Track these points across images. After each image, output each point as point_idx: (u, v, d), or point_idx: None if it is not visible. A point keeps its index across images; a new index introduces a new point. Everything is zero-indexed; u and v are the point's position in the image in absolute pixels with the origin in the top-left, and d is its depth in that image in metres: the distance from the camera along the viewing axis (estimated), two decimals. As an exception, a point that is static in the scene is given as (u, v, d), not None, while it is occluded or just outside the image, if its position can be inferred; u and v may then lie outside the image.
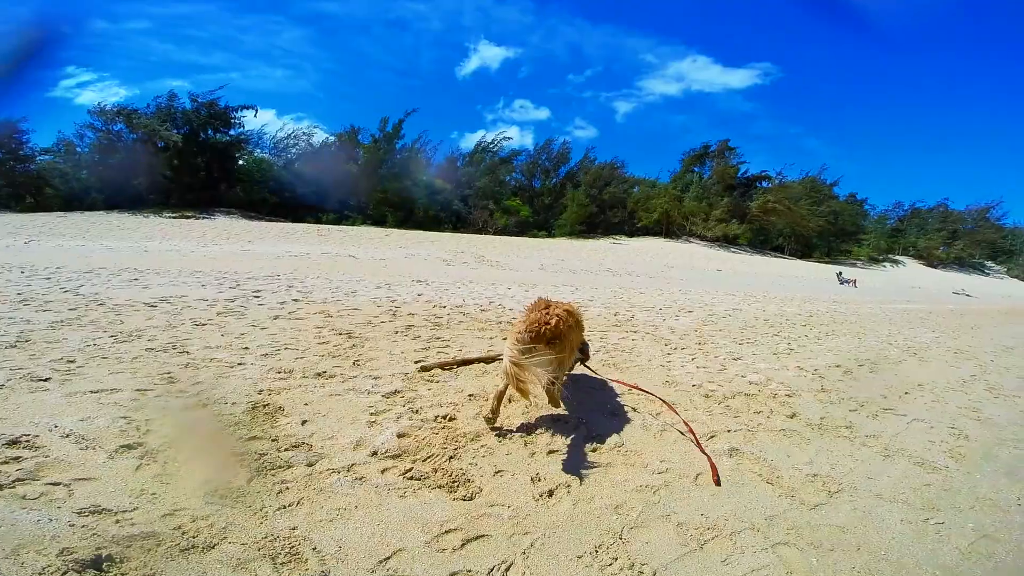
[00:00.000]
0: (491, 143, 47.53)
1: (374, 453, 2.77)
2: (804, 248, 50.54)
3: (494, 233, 38.74)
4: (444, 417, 3.36)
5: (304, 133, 42.45)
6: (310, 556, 2.01)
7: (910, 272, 49.65)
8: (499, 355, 4.97)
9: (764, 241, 49.70)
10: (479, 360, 4.74)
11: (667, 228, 46.83)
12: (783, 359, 6.35)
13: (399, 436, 2.98)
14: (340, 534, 2.17)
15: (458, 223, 40.57)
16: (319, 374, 3.98)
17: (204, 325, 5.37)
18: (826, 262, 45.56)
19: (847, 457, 3.49)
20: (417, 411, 3.41)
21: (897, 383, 5.76)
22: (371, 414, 3.28)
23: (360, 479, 2.54)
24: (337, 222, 35.36)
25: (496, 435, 3.19)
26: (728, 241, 46.63)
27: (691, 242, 45.18)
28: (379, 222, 36.99)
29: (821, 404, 4.55)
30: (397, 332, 5.82)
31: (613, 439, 3.32)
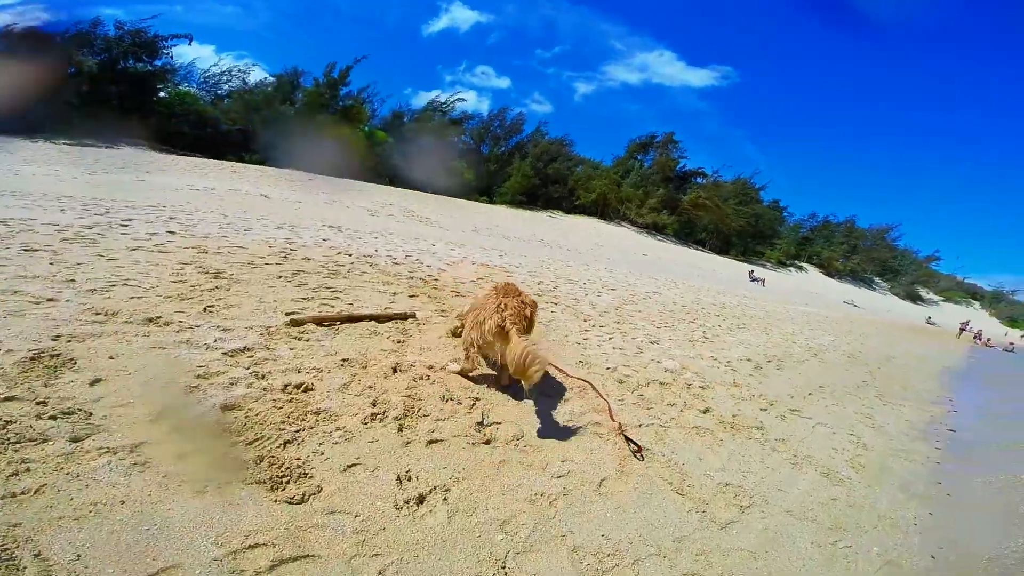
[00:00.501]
0: (444, 103, 45.55)
1: (176, 429, 2.01)
2: (723, 244, 53.20)
3: (433, 193, 37.32)
4: (297, 387, 2.64)
5: (240, 70, 38.45)
6: (29, 565, 1.32)
7: (811, 278, 54.16)
8: (401, 313, 4.29)
9: (689, 234, 51.73)
10: (370, 317, 4.01)
11: (603, 210, 47.45)
12: (698, 347, 6.19)
13: (224, 408, 2.23)
14: (86, 538, 1.47)
15: (395, 178, 38.75)
16: (151, 319, 3.08)
17: (36, 251, 4.18)
18: (741, 260, 48.41)
19: (758, 464, 3.22)
20: (263, 376, 2.66)
21: (802, 383, 5.78)
22: (197, 376, 2.48)
23: (142, 464, 1.80)
24: (264, 163, 32.47)
25: (361, 417, 2.53)
26: (656, 229, 48.12)
27: (623, 226, 46.13)
28: (311, 168, 34.39)
29: (734, 400, 4.33)
30: (280, 277, 4.91)
31: (512, 430, 2.79)
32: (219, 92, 37.73)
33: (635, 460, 2.85)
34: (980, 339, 29.50)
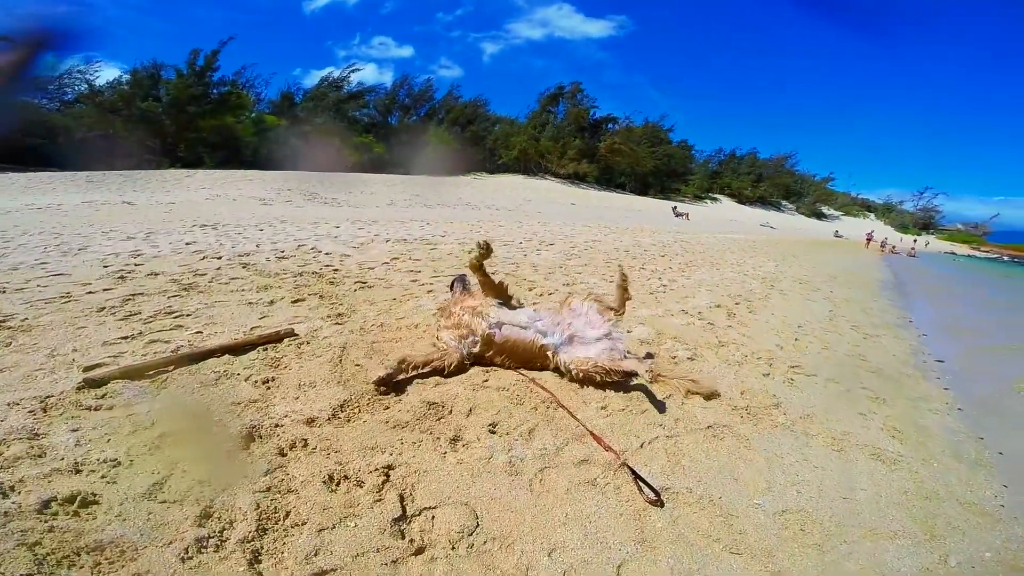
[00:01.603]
0: (338, 78, 43.20)
1: None
2: (642, 186, 54.25)
3: (343, 171, 34.72)
4: (70, 501, 1.46)
5: (79, 71, 32.92)
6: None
7: (726, 208, 56.72)
8: (273, 334, 2.97)
9: (609, 179, 52.23)
10: (223, 350, 2.68)
11: (525, 166, 46.81)
12: (662, 300, 5.33)
13: None
14: None
15: (296, 162, 35.67)
16: None
17: None
18: (661, 198, 49.70)
19: (801, 463, 2.32)
20: (10, 490, 1.38)
21: (779, 325, 5.08)
22: None
23: None
24: (136, 167, 28.26)
25: (177, 551, 1.30)
26: (579, 178, 48.29)
27: (546, 179, 45.70)
28: (193, 164, 30.50)
29: (729, 367, 3.45)
30: (103, 309, 3.40)
31: (456, 516, 1.67)
32: (65, 98, 32.64)
33: (654, 512, 1.83)
34: (885, 247, 32.08)
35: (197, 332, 3.07)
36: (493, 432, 2.15)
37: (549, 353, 2.77)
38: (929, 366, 4.69)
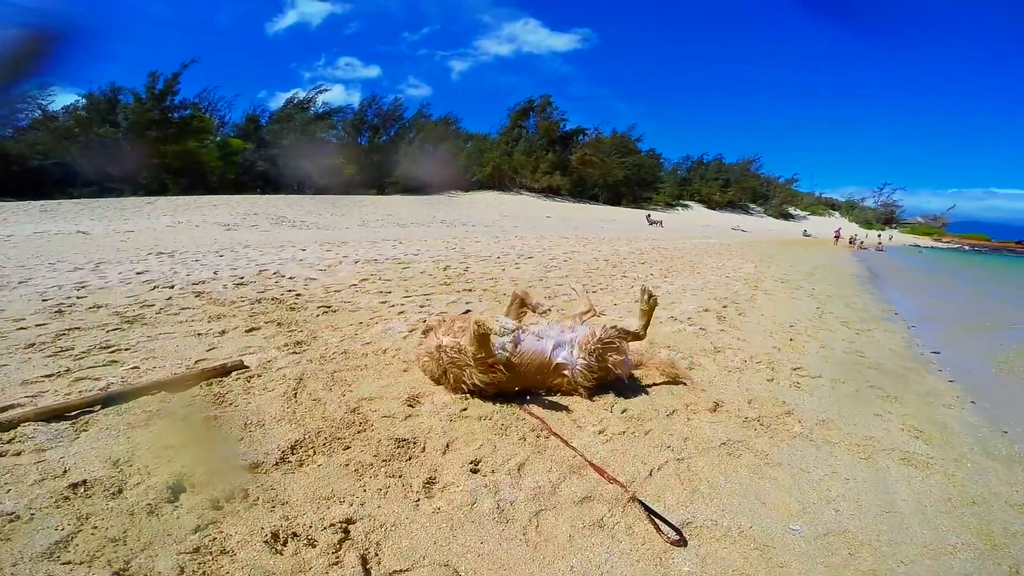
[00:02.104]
0: (304, 99, 42.64)
1: None
2: (615, 196, 54.78)
3: (314, 193, 34.01)
4: None
5: (31, 96, 31.82)
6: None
7: (697, 213, 57.63)
8: (219, 367, 2.59)
9: (582, 191, 52.60)
10: (159, 386, 2.29)
11: (499, 181, 46.87)
12: (649, 309, 5.08)
13: None
14: None
15: (266, 185, 34.81)
16: None
17: None
18: (633, 207, 50.30)
19: (831, 476, 2.05)
20: None
21: (772, 326, 4.88)
22: None
23: None
24: (98, 196, 27.11)
25: None
26: (553, 192, 48.56)
27: (521, 194, 45.79)
28: (157, 192, 29.45)
29: (730, 375, 3.19)
30: (31, 346, 2.99)
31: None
32: (19, 124, 31.54)
33: (678, 554, 1.52)
34: (854, 243, 32.99)
35: (133, 368, 2.69)
36: (476, 471, 1.81)
37: (564, 372, 2.49)
38: (927, 359, 4.56)
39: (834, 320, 5.75)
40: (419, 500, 1.63)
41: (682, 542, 1.57)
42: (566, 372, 2.48)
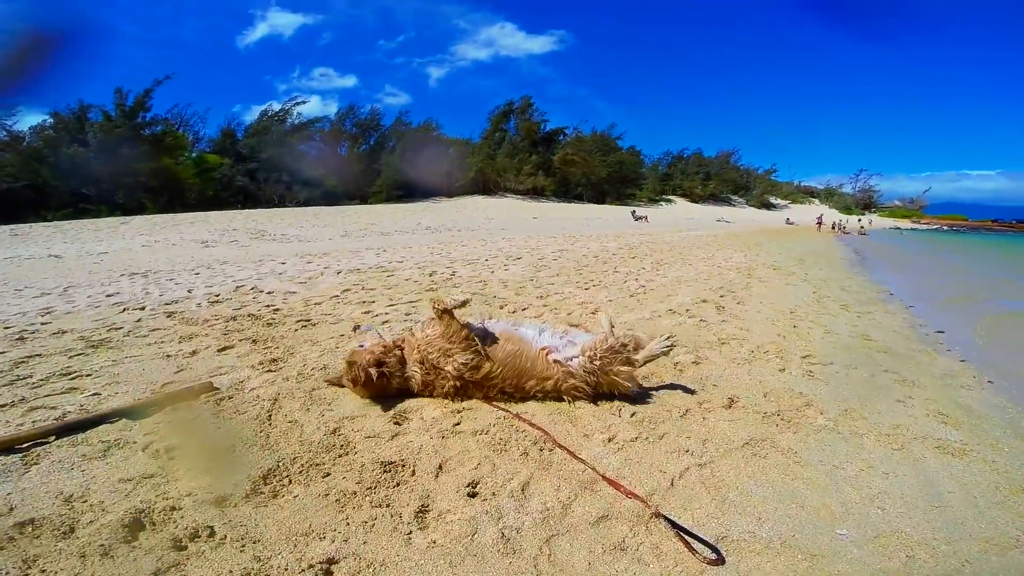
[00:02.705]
0: (279, 111, 42.00)
1: None
2: (599, 195, 54.91)
3: (295, 206, 33.52)
4: None
5: None
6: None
7: (681, 207, 57.97)
8: (186, 389, 2.34)
9: (566, 191, 52.64)
10: (117, 414, 2.05)
11: (484, 185, 46.72)
12: (644, 301, 4.91)
13: None
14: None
15: (247, 200, 34.24)
16: None
17: None
18: (618, 204, 50.39)
19: (871, 473, 1.88)
20: None
21: (773, 313, 4.73)
22: None
23: None
24: (73, 218, 26.31)
25: None
26: (537, 193, 48.55)
27: (506, 196, 45.67)
28: (135, 211, 28.73)
29: (741, 367, 3.01)
30: None
31: None
32: None
33: (716, 574, 1.32)
34: (837, 228, 33.38)
35: (94, 394, 2.44)
36: (474, 495, 1.59)
37: (552, 358, 2.29)
38: (933, 339, 4.44)
39: (833, 304, 5.63)
40: (411, 533, 1.41)
41: (720, 560, 1.37)
42: (558, 359, 2.27)
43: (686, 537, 1.43)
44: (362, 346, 2.37)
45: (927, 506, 1.67)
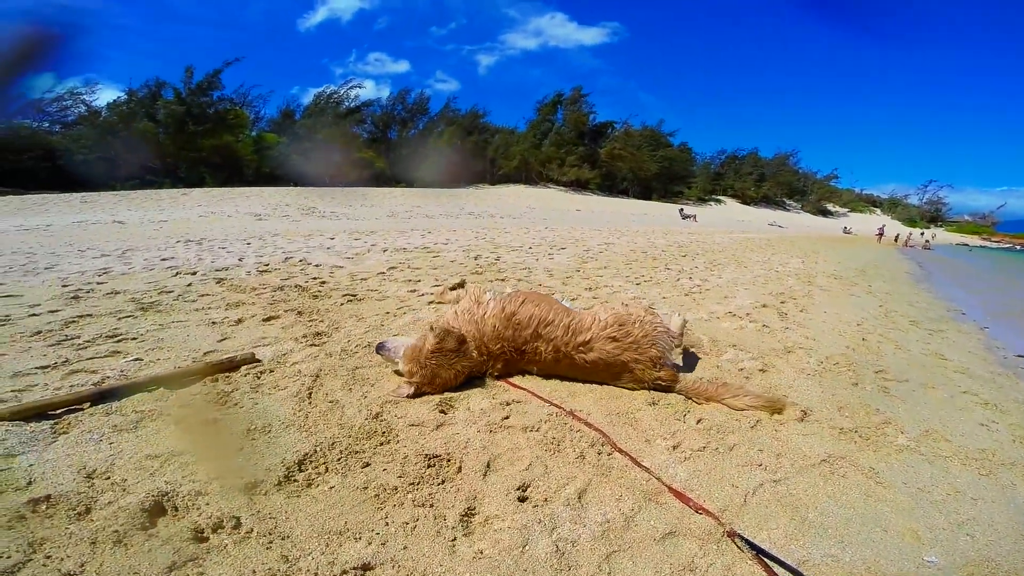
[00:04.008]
0: (335, 93, 43.13)
1: None
2: (645, 190, 53.62)
3: (344, 186, 34.48)
4: None
5: (76, 92, 33.06)
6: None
7: (731, 208, 55.85)
8: (226, 361, 2.29)
9: (611, 185, 51.65)
10: (156, 382, 2.00)
11: (527, 175, 46.48)
12: (701, 302, 4.63)
13: None
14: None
15: (300, 179, 35.55)
16: None
17: None
18: (664, 202, 48.98)
19: (958, 499, 1.67)
20: None
21: (839, 324, 4.37)
22: None
23: None
24: (139, 188, 28.02)
25: None
26: (581, 185, 47.83)
27: (549, 187, 45.26)
28: (195, 184, 30.26)
29: (810, 378, 2.74)
30: (38, 333, 2.81)
31: None
32: (66, 119, 32.60)
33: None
34: (902, 241, 31.45)
35: (136, 359, 2.42)
36: (524, 499, 1.44)
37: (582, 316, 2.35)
38: (1013, 362, 4.06)
39: (901, 319, 5.18)
40: (455, 539, 1.27)
41: None
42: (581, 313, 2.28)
43: (767, 560, 1.24)
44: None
45: (1017, 535, 1.47)
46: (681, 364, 2.65)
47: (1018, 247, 55.51)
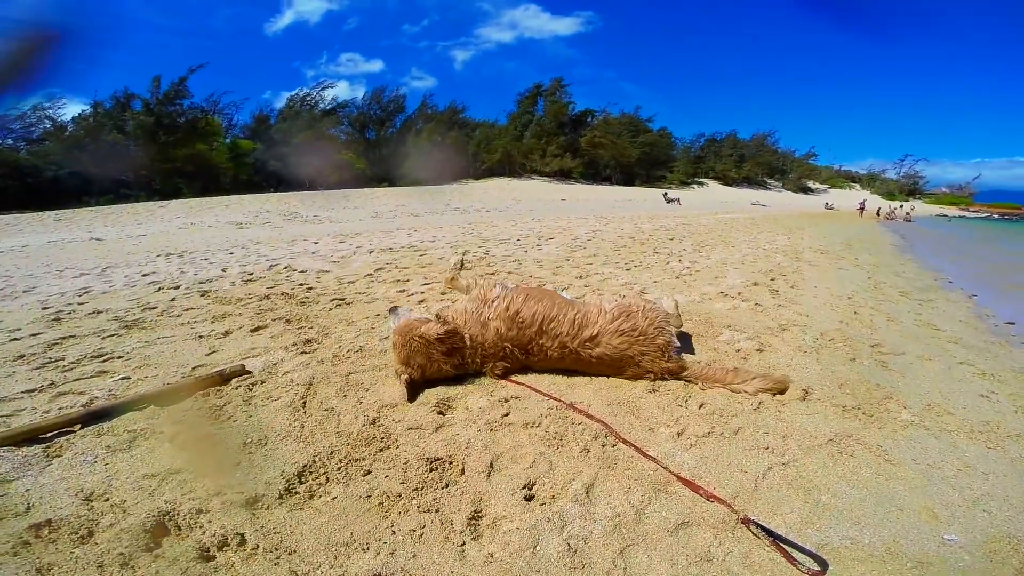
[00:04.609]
0: (308, 96, 42.53)
1: None
2: (628, 177, 53.69)
3: (325, 189, 34.09)
4: None
5: (40, 107, 32.12)
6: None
7: (714, 191, 56.22)
8: (215, 375, 2.22)
9: (595, 173, 51.65)
10: (145, 400, 1.94)
11: (510, 167, 46.32)
12: (692, 284, 4.63)
13: None
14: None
15: (279, 184, 34.99)
16: None
17: None
18: (648, 187, 49.15)
19: (969, 474, 1.67)
20: None
21: (830, 298, 4.41)
22: None
23: None
24: (114, 203, 27.30)
25: None
26: (564, 175, 47.86)
27: (532, 179, 45.18)
28: (171, 196, 29.63)
29: (808, 355, 2.74)
30: (21, 357, 2.74)
31: None
32: (32, 135, 31.93)
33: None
34: (881, 214, 31.95)
35: (124, 378, 2.35)
36: (531, 498, 1.41)
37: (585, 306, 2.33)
38: (1004, 330, 4.16)
39: (891, 290, 5.25)
40: (464, 544, 1.24)
41: (823, 572, 1.16)
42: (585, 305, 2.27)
43: (784, 546, 1.23)
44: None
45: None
46: (679, 345, 2.64)
47: (995, 216, 56.63)
